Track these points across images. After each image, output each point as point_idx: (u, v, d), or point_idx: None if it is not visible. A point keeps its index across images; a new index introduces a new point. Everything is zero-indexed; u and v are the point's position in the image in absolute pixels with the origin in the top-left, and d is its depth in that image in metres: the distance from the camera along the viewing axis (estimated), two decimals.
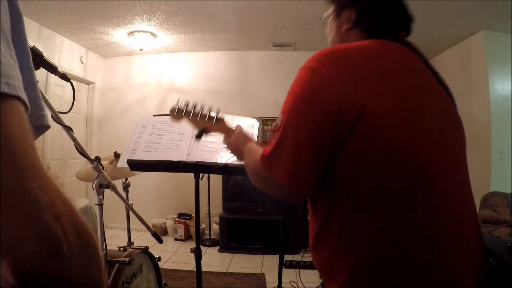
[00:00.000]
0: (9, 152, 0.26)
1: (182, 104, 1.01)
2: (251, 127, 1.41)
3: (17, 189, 0.26)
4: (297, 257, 2.93)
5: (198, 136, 1.03)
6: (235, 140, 0.95)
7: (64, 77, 1.13)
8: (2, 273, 0.25)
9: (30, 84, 0.36)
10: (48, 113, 0.44)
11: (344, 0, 0.81)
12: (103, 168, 1.47)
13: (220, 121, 1.00)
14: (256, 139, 1.00)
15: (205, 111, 1.01)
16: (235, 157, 0.99)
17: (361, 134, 0.59)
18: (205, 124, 1.01)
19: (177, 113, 1.01)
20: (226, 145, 1.00)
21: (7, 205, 0.25)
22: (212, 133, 1.02)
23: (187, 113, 1.01)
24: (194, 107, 1.01)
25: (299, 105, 0.64)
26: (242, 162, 0.87)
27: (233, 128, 0.99)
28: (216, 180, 3.87)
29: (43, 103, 0.42)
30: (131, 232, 2.06)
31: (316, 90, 0.63)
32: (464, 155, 0.73)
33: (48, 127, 0.42)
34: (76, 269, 0.28)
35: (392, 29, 0.77)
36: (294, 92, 0.66)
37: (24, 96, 0.30)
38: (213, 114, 1.01)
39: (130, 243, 1.96)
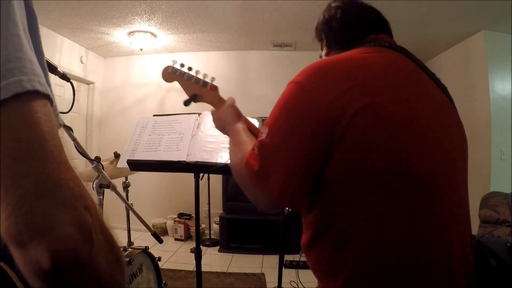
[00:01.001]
0: (46, 147, 0.29)
1: (177, 65, 0.95)
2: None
3: (55, 180, 0.28)
4: (297, 257, 2.93)
5: (187, 102, 0.96)
6: (224, 114, 0.92)
7: (64, 77, 1.13)
8: (37, 258, 0.26)
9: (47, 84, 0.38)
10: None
11: (317, 34, 0.90)
12: (103, 168, 1.47)
13: (213, 89, 0.94)
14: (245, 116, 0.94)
15: (200, 76, 0.95)
16: (220, 131, 0.97)
17: (355, 143, 0.59)
18: (198, 90, 0.94)
19: (171, 73, 0.95)
20: (213, 117, 0.96)
21: (47, 193, 0.27)
22: (202, 101, 0.96)
23: (181, 74, 0.95)
24: (189, 69, 0.95)
25: (286, 120, 0.63)
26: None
27: (225, 100, 0.95)
28: (216, 180, 3.87)
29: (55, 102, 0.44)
30: (131, 232, 2.06)
31: (303, 105, 0.62)
32: (466, 159, 0.73)
33: (61, 125, 0.44)
34: (103, 260, 0.30)
35: (360, 38, 0.79)
36: (281, 106, 0.66)
37: (52, 94, 0.32)
38: (207, 80, 0.95)
39: (130, 243, 1.96)
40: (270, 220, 3.41)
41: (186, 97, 0.97)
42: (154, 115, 1.65)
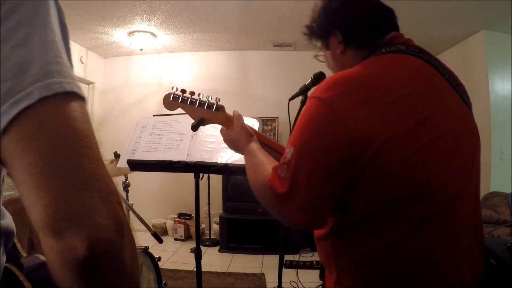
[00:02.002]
0: (85, 143, 0.31)
1: (177, 92, 0.91)
2: (251, 127, 1.41)
3: (94, 174, 0.30)
4: (297, 257, 2.93)
5: (196, 127, 0.92)
6: (236, 136, 0.90)
7: None
8: (73, 246, 0.27)
9: None
10: None
11: (324, 29, 0.80)
12: None
13: (219, 110, 0.91)
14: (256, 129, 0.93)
15: (204, 99, 0.91)
16: (233, 150, 0.95)
17: (381, 164, 0.58)
18: (204, 113, 0.91)
19: (172, 100, 0.90)
20: (224, 137, 0.94)
21: (86, 185, 0.29)
22: (210, 124, 0.93)
23: (184, 100, 0.90)
24: (191, 94, 0.91)
25: (312, 141, 0.61)
26: (242, 162, 0.87)
27: (233, 118, 0.92)
28: (216, 180, 3.87)
29: None
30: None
31: (330, 125, 0.60)
32: (479, 165, 0.72)
33: None
34: (129, 257, 0.31)
35: (382, 34, 0.75)
36: (305, 125, 0.64)
37: (85, 97, 0.35)
38: (212, 101, 0.91)
39: None
40: (270, 220, 3.41)
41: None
42: (154, 115, 1.65)
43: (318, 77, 1.27)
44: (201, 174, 1.54)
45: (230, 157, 1.37)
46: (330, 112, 0.60)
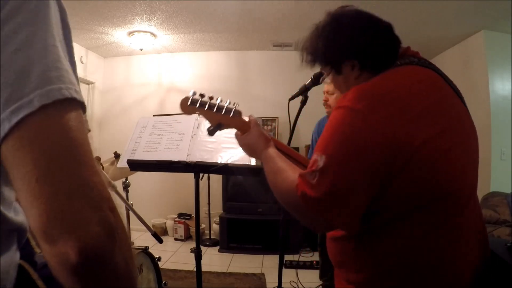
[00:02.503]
0: (79, 151, 0.32)
1: (196, 96, 0.88)
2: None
3: (86, 182, 0.31)
4: (297, 257, 2.93)
5: (213, 132, 0.90)
6: (253, 141, 0.90)
7: None
8: (65, 251, 0.28)
9: None
10: None
11: (338, 56, 0.79)
12: (103, 168, 1.47)
13: (237, 115, 0.90)
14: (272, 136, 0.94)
15: (222, 103, 0.89)
16: (247, 154, 0.95)
17: (412, 171, 0.63)
18: (221, 118, 0.89)
19: (190, 105, 0.88)
20: (240, 141, 0.94)
21: (78, 193, 0.30)
22: (227, 128, 0.91)
23: (202, 105, 0.88)
24: (210, 98, 0.89)
25: (348, 149, 0.63)
26: (242, 162, 0.87)
27: (249, 123, 0.92)
28: (216, 180, 3.87)
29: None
30: (131, 232, 2.06)
31: (365, 134, 0.63)
32: (478, 162, 0.78)
33: (88, 131, 0.48)
34: (122, 260, 0.33)
35: (395, 54, 0.78)
36: (338, 134, 0.65)
37: (85, 102, 0.36)
38: (230, 106, 0.90)
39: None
40: (270, 220, 3.41)
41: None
42: (154, 115, 1.65)
43: (318, 77, 1.27)
44: (201, 174, 1.54)
45: (230, 157, 1.37)
46: (364, 121, 0.63)
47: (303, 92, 1.29)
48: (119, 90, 4.42)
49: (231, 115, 0.90)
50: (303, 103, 1.31)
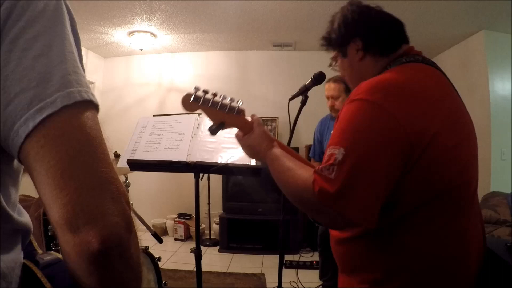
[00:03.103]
0: (100, 148, 0.35)
1: (199, 92, 0.84)
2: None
3: (106, 177, 0.34)
4: (297, 257, 2.93)
5: (215, 131, 0.87)
6: (256, 141, 0.87)
7: None
8: (88, 240, 0.31)
9: None
10: None
11: (343, 37, 0.84)
12: None
13: (240, 114, 0.88)
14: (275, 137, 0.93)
15: (226, 101, 0.86)
16: (248, 156, 0.93)
17: (429, 161, 0.64)
18: (224, 116, 0.86)
19: (193, 102, 0.84)
20: (241, 142, 0.91)
21: (100, 187, 0.33)
22: (229, 127, 0.89)
23: (205, 102, 0.84)
24: (214, 95, 0.86)
25: (367, 140, 0.63)
26: (243, 162, 0.87)
27: (252, 123, 0.90)
28: (216, 180, 3.87)
29: None
30: None
31: (383, 125, 0.63)
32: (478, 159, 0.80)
33: None
34: (136, 252, 0.36)
35: (399, 42, 0.82)
36: (355, 125, 0.65)
37: (99, 104, 0.38)
38: (234, 104, 0.87)
39: None
40: (270, 220, 3.41)
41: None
42: (154, 115, 1.65)
43: (318, 77, 1.27)
44: (201, 174, 1.54)
45: (230, 157, 1.37)
46: (381, 112, 0.63)
47: (303, 92, 1.29)
48: (119, 90, 4.42)
49: (234, 113, 0.87)
50: (303, 103, 1.30)
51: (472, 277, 0.71)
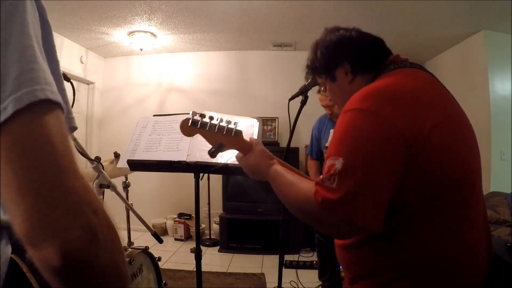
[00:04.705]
0: (57, 157, 0.31)
1: (197, 116, 0.86)
2: (251, 127, 1.40)
3: (65, 188, 0.31)
4: (296, 257, 2.93)
5: (214, 153, 0.89)
6: (257, 160, 0.89)
7: (64, 77, 1.12)
8: (48, 257, 0.29)
9: (61, 90, 0.39)
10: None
11: (329, 64, 0.88)
12: (103, 168, 1.47)
13: (238, 135, 0.89)
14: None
15: (223, 124, 0.88)
16: (250, 176, 0.93)
17: (427, 159, 0.64)
18: (222, 138, 0.88)
19: (191, 126, 0.86)
20: (242, 162, 0.92)
21: (58, 201, 0.30)
22: (228, 149, 0.90)
23: (203, 126, 0.87)
24: (211, 119, 0.87)
25: (365, 147, 0.64)
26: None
27: (250, 143, 0.91)
28: (216, 180, 3.87)
29: (70, 106, 0.46)
30: (131, 232, 2.06)
31: (378, 130, 0.64)
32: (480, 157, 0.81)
33: (75, 128, 0.46)
34: (108, 260, 0.33)
35: (385, 55, 0.84)
36: (352, 135, 0.66)
37: (63, 102, 0.34)
38: (231, 126, 0.88)
39: (130, 243, 1.96)
40: (270, 220, 3.41)
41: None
42: (154, 115, 1.65)
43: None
44: (201, 174, 1.54)
45: (230, 157, 1.37)
46: (375, 117, 0.65)
47: (303, 92, 1.29)
48: (119, 90, 4.42)
49: (232, 135, 0.88)
50: (303, 103, 1.30)
51: (481, 277, 0.70)
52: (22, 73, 0.31)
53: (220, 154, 1.40)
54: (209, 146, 1.44)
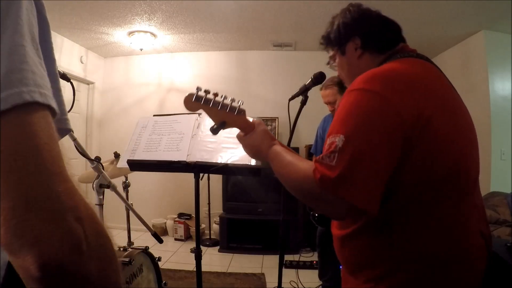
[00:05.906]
0: (40, 160, 0.30)
1: (201, 92, 0.86)
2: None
3: (46, 193, 0.29)
4: (297, 257, 2.93)
5: (216, 130, 0.88)
6: (258, 141, 0.88)
7: (64, 77, 1.13)
8: (26, 265, 0.27)
9: (56, 90, 0.38)
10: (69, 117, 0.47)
11: (341, 36, 0.89)
12: (103, 168, 1.47)
13: (241, 113, 0.88)
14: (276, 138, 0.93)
15: (227, 101, 0.87)
16: (250, 156, 0.94)
17: (426, 144, 0.65)
18: (225, 116, 0.87)
19: (195, 101, 0.85)
20: (243, 142, 0.92)
21: (37, 206, 0.28)
22: (230, 127, 0.90)
23: (207, 102, 0.86)
24: (215, 95, 0.87)
25: (366, 125, 0.64)
26: (243, 162, 0.87)
27: (253, 123, 0.91)
28: (216, 180, 3.87)
29: (65, 108, 0.45)
30: (131, 232, 2.06)
31: (381, 110, 0.65)
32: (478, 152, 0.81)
33: (69, 130, 0.45)
34: (94, 268, 0.31)
35: (396, 40, 0.86)
36: (355, 114, 0.66)
37: (54, 104, 0.33)
38: (235, 104, 0.88)
39: (130, 243, 1.96)
40: (270, 220, 3.41)
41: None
42: (154, 115, 1.65)
43: (318, 77, 1.27)
44: (201, 174, 1.54)
45: (230, 157, 1.37)
46: (378, 98, 0.66)
47: (303, 92, 1.29)
48: (119, 90, 4.42)
49: (235, 113, 0.88)
50: (303, 103, 1.30)
51: (477, 271, 0.70)
52: (10, 72, 0.30)
53: (220, 154, 1.41)
54: (210, 147, 1.43)
